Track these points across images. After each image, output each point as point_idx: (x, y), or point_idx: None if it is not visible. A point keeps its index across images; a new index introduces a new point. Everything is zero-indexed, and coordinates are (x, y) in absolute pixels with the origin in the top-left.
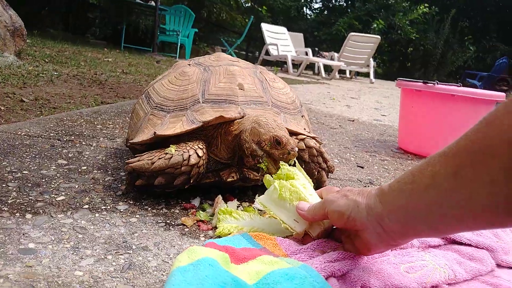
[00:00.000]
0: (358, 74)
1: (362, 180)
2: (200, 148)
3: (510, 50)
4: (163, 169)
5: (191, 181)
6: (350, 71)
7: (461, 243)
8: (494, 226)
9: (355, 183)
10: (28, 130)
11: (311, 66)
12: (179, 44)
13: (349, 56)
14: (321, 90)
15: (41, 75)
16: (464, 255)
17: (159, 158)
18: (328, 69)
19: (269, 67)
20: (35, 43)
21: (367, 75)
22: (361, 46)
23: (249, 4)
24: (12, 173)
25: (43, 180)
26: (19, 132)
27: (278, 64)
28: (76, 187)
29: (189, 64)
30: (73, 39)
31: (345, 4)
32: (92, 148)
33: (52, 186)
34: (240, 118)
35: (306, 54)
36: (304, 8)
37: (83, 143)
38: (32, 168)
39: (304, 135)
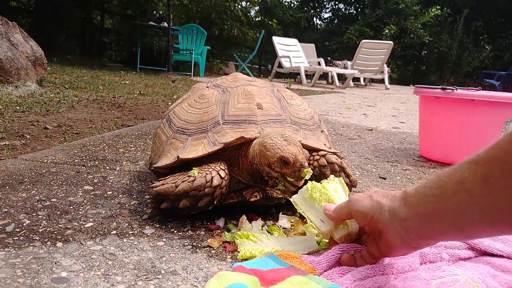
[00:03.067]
0: (372, 80)
1: None
2: (222, 169)
3: None
4: (187, 192)
5: (215, 202)
6: (365, 78)
7: (492, 255)
8: None
9: None
10: (54, 158)
11: (324, 76)
12: (193, 62)
13: (362, 64)
14: (337, 99)
15: (62, 101)
16: (497, 267)
17: (183, 181)
18: (342, 77)
19: (282, 79)
20: (55, 70)
21: (382, 81)
22: (374, 52)
23: (259, 19)
24: (41, 202)
25: (71, 207)
26: (45, 160)
27: (292, 76)
28: (103, 212)
29: (207, 87)
30: (90, 64)
31: (355, 12)
32: (116, 172)
33: (80, 213)
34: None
35: (319, 64)
36: (314, 19)
37: (107, 167)
38: (60, 195)
39: (324, 151)
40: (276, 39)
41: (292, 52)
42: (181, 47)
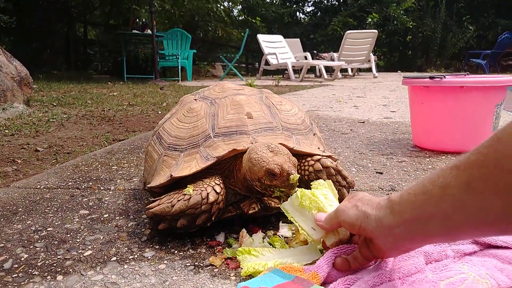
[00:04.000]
0: (360, 70)
1: (384, 187)
2: (217, 184)
3: (511, 24)
4: (184, 211)
5: (213, 219)
6: (352, 69)
7: (497, 247)
8: (507, 233)
9: (377, 192)
10: (46, 182)
11: (312, 70)
12: (180, 67)
13: (348, 54)
14: (326, 93)
15: (51, 120)
16: (503, 259)
17: (178, 200)
18: (329, 70)
19: (270, 77)
20: (42, 87)
21: (369, 70)
22: (359, 42)
23: (243, 17)
24: (38, 232)
25: (68, 235)
26: (39, 186)
27: (280, 72)
28: (101, 238)
29: (195, 99)
30: (77, 77)
31: (337, 3)
32: (111, 192)
33: (78, 240)
34: None
35: (306, 58)
36: (297, 13)
37: (102, 188)
38: (56, 223)
39: (319, 155)
40: (261, 37)
41: (278, 48)
42: (167, 52)
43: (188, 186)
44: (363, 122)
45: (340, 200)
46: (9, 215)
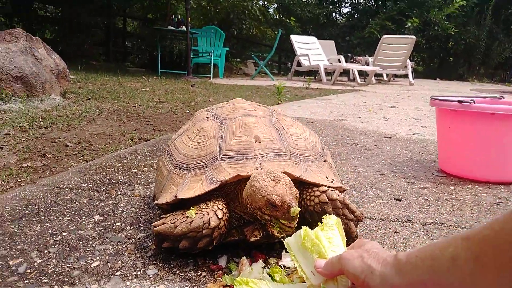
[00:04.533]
0: (396, 76)
1: (399, 218)
2: (220, 209)
3: None
4: (186, 233)
5: (214, 243)
6: (387, 74)
7: None
8: None
9: (391, 222)
10: (69, 182)
11: (345, 72)
12: (212, 65)
13: (384, 59)
14: (357, 100)
15: (84, 114)
16: None
17: (181, 222)
18: (363, 73)
19: (302, 77)
20: (80, 78)
21: (406, 75)
22: (396, 48)
23: (278, 16)
24: (53, 236)
25: (81, 242)
26: (62, 185)
27: (312, 73)
28: (110, 248)
29: (207, 117)
30: (114, 69)
31: (375, 5)
32: (126, 198)
33: (88, 249)
34: None
35: (339, 61)
36: (334, 14)
37: (119, 192)
38: (71, 228)
39: (325, 186)
40: (294, 38)
41: (311, 50)
42: (200, 49)
43: (191, 208)
44: (390, 138)
45: (346, 233)
46: (31, 215)
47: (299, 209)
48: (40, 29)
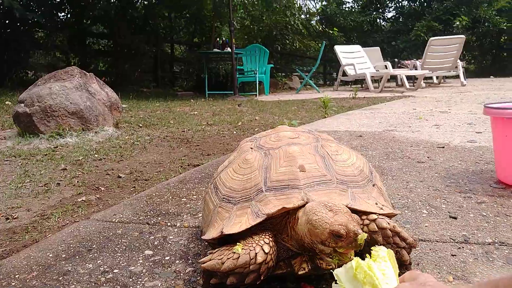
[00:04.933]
0: (446, 77)
1: (456, 238)
2: (266, 243)
3: None
4: (233, 269)
5: (262, 278)
6: (437, 77)
7: None
8: None
9: (447, 243)
10: (121, 216)
11: (393, 77)
12: (257, 82)
13: (433, 62)
14: (406, 107)
15: (136, 143)
16: None
17: (228, 258)
18: (412, 77)
19: (348, 87)
20: (132, 106)
21: (457, 76)
22: (444, 49)
23: (320, 28)
24: (105, 274)
25: (131, 279)
26: (114, 219)
27: (358, 82)
28: (159, 285)
29: (251, 148)
30: (163, 95)
31: (420, 7)
32: (176, 230)
33: (138, 287)
34: (304, 205)
35: (386, 67)
36: (378, 20)
37: (168, 224)
38: (122, 264)
39: (375, 213)
40: (338, 48)
41: (356, 59)
42: (246, 68)
43: (238, 243)
44: (443, 147)
45: (399, 261)
46: (84, 252)
47: (366, 234)
48: (94, 61)
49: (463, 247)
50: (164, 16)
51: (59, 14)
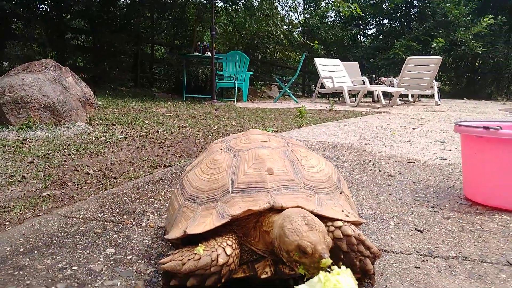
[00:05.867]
0: (421, 96)
1: (420, 251)
2: (229, 245)
3: None
4: (193, 271)
5: (223, 280)
6: (413, 95)
7: None
8: None
9: (412, 256)
10: (86, 212)
11: (370, 93)
12: (236, 89)
13: (409, 80)
14: (380, 122)
15: (108, 140)
16: None
17: (189, 259)
18: (388, 94)
19: (325, 99)
20: (107, 104)
21: (432, 96)
22: (421, 68)
23: (302, 40)
24: (63, 271)
25: (90, 277)
26: (78, 215)
27: (336, 95)
28: (119, 284)
29: (221, 149)
30: (141, 95)
31: (400, 26)
32: (141, 229)
33: (97, 285)
34: (270, 208)
35: (363, 83)
36: (358, 36)
37: (134, 223)
38: (82, 261)
39: (340, 220)
40: (318, 61)
41: (334, 72)
42: (225, 74)
43: (200, 244)
44: (413, 163)
45: (362, 270)
46: (43, 247)
47: (331, 261)
48: (72, 57)
49: (427, 260)
50: (147, 17)
51: (38, 5)
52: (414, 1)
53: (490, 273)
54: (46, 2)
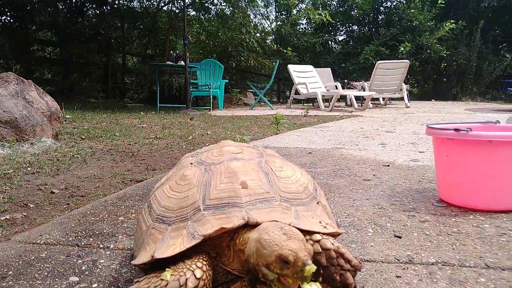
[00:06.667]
0: (392, 99)
1: (400, 258)
2: (199, 267)
3: None
4: None
5: None
6: (384, 98)
7: None
8: None
9: (392, 264)
10: (48, 236)
11: (343, 97)
12: (211, 97)
13: (379, 84)
14: (354, 126)
15: (75, 156)
16: None
17: (155, 287)
18: (360, 98)
19: (300, 105)
20: (76, 117)
21: (402, 98)
22: (390, 72)
23: (275, 47)
24: None
25: None
26: (39, 240)
27: (310, 101)
28: None
29: (191, 163)
30: (112, 106)
31: (369, 32)
32: (108, 252)
33: None
34: (244, 224)
35: (336, 88)
36: (329, 42)
37: (101, 246)
38: None
39: (319, 233)
40: (291, 67)
41: (308, 78)
42: (200, 82)
43: (167, 269)
44: (388, 166)
45: (343, 285)
46: None
47: (315, 267)
48: (38, 69)
49: (407, 268)
50: (117, 26)
51: (0, 17)
52: (381, 8)
53: (470, 277)
54: (8, 14)
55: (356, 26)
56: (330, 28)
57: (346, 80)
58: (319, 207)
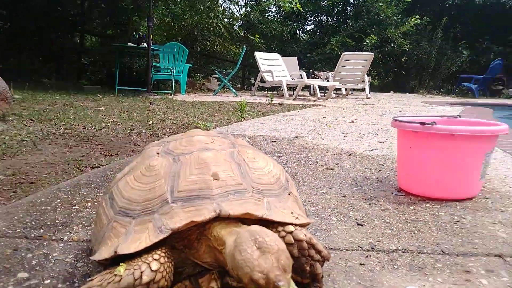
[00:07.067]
0: (354, 90)
1: (363, 246)
2: (155, 259)
3: (503, 51)
4: None
5: None
6: (346, 88)
7: None
8: None
9: (356, 252)
10: None
11: (307, 87)
12: (173, 81)
13: (343, 75)
14: (317, 115)
15: (24, 139)
16: None
17: (108, 283)
18: (323, 88)
19: (265, 93)
20: (26, 98)
21: (363, 90)
22: (355, 64)
23: (242, 33)
24: None
25: None
26: None
27: (275, 89)
28: None
29: (158, 153)
30: (66, 88)
31: (337, 23)
32: (62, 245)
33: None
34: (216, 217)
35: (301, 76)
36: (297, 31)
37: (53, 237)
38: None
39: (291, 224)
40: (258, 55)
41: (274, 66)
42: (162, 66)
43: (121, 264)
44: (350, 155)
45: (312, 275)
46: None
47: (293, 284)
48: None
49: (370, 256)
50: (76, 4)
51: None
52: (351, 0)
53: (428, 264)
54: None
55: (325, 17)
56: (299, 17)
57: (311, 70)
58: (290, 198)
